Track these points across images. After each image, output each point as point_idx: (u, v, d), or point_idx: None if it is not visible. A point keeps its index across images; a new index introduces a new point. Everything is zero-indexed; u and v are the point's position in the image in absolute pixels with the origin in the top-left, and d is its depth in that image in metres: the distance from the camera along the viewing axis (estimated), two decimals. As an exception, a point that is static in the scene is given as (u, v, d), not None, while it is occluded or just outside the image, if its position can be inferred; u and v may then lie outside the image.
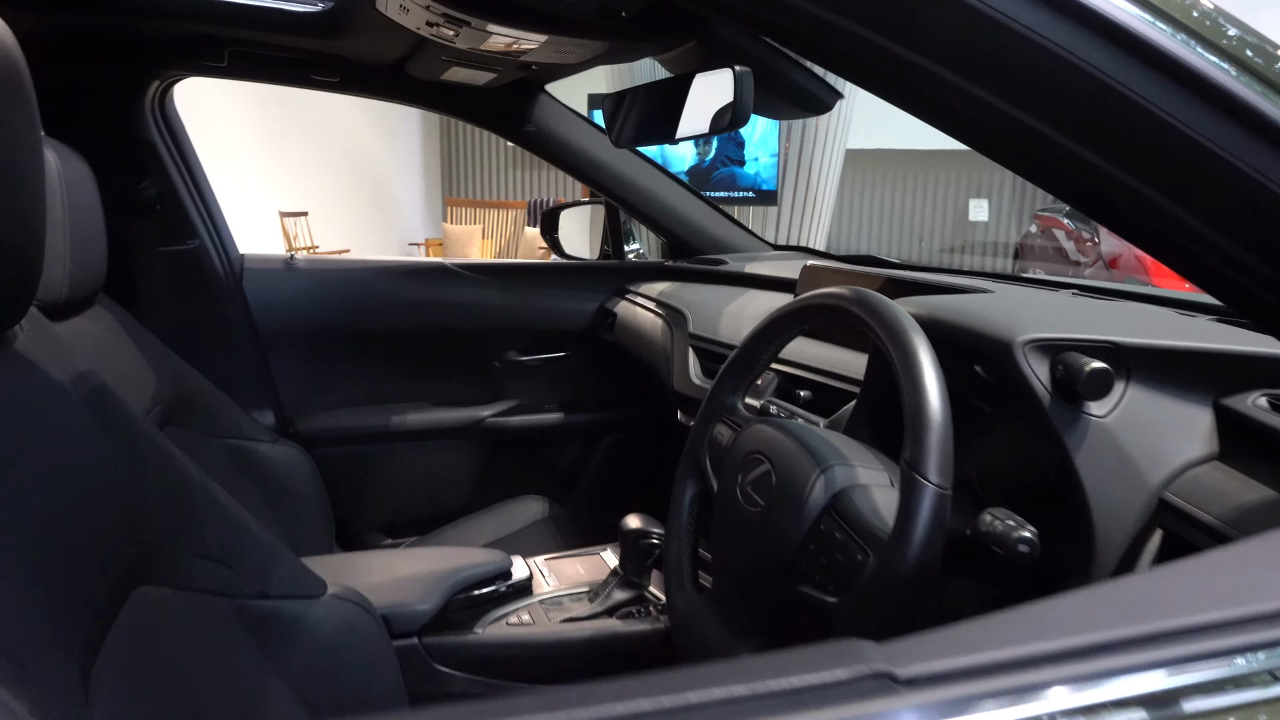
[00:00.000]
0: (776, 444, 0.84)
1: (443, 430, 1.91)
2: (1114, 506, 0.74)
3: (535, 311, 1.95)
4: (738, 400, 1.00)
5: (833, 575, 0.73)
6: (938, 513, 0.67)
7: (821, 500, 0.77)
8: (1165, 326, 0.88)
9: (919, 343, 0.73)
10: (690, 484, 1.02)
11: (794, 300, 0.90)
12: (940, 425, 0.68)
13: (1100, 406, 0.76)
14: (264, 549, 0.88)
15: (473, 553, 1.23)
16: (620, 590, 1.22)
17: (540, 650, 1.13)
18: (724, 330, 1.46)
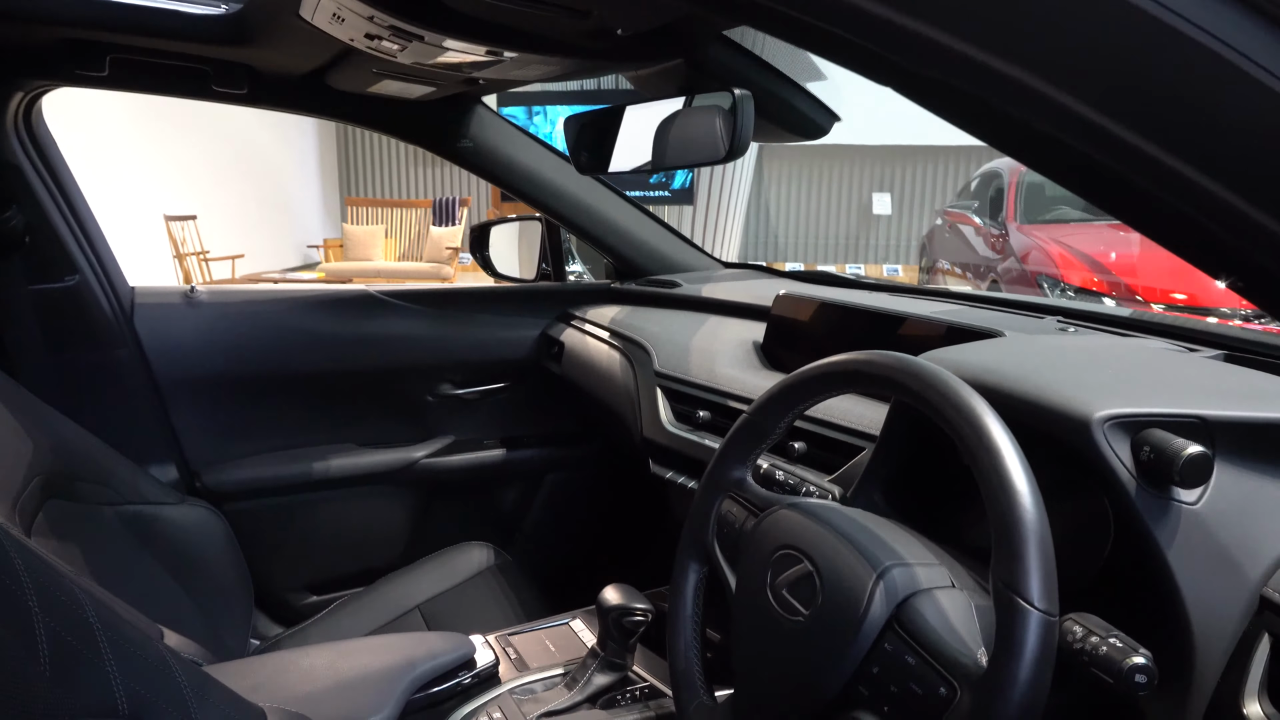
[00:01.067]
0: (816, 540, 0.73)
1: (372, 475, 1.75)
2: (1213, 608, 0.65)
3: (471, 340, 1.80)
4: (747, 474, 0.88)
5: (907, 709, 0.62)
6: (1045, 645, 0.56)
7: (883, 613, 0.66)
8: (1226, 384, 0.80)
9: (1001, 431, 0.62)
10: (694, 569, 0.89)
11: (826, 363, 0.78)
12: (1041, 536, 0.58)
13: (1191, 493, 0.67)
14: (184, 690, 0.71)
15: (428, 639, 1.08)
16: (601, 674, 1.09)
17: (518, 757, 0.99)
18: (695, 369, 1.34)
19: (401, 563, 1.68)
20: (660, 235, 1.86)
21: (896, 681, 0.63)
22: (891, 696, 0.64)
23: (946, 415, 0.65)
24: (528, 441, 1.88)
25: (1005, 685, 0.56)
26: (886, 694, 0.64)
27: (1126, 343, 1.04)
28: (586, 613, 1.30)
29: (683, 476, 1.28)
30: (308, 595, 1.75)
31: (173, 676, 0.71)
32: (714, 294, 1.64)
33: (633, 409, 1.41)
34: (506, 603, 1.51)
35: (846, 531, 0.73)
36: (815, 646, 0.69)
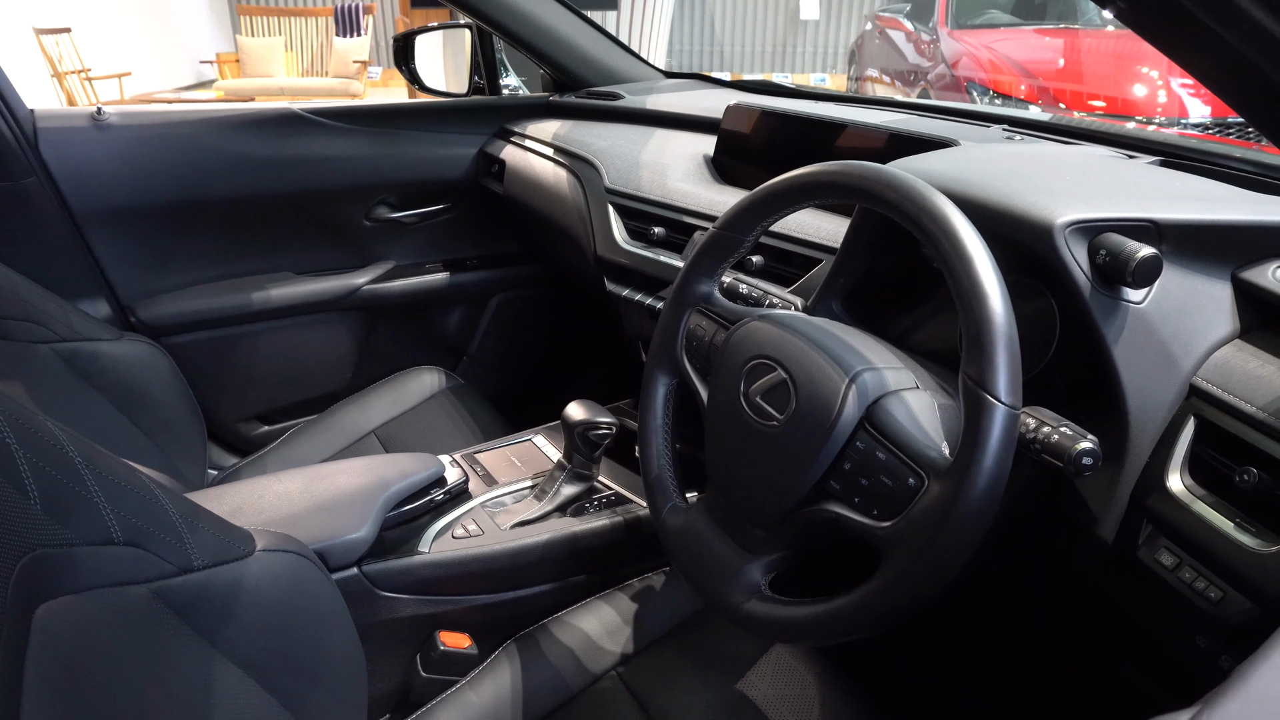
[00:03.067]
0: (789, 349, 0.76)
1: (313, 304, 1.71)
2: (1149, 397, 0.71)
3: (405, 160, 1.73)
4: (715, 288, 0.89)
5: (878, 499, 0.67)
6: (1009, 436, 0.61)
7: (855, 414, 0.70)
8: (1167, 190, 0.84)
9: (976, 239, 0.64)
10: (663, 381, 0.92)
11: (799, 174, 0.78)
12: (1008, 335, 0.61)
13: (1138, 293, 0.71)
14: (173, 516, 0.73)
15: (399, 460, 1.10)
16: (569, 484, 1.14)
17: (494, 562, 1.04)
18: (647, 184, 1.32)
19: (351, 390, 1.70)
20: (598, 43, 1.77)
21: (867, 475, 0.68)
22: (862, 489, 0.69)
23: (923, 224, 0.67)
24: (471, 264, 1.85)
25: (972, 473, 0.60)
26: (857, 487, 0.69)
27: (1074, 150, 1.06)
28: (548, 429, 1.34)
29: (640, 294, 1.30)
30: (259, 425, 1.75)
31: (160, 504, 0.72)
32: (659, 106, 1.59)
33: (584, 228, 1.39)
34: (463, 424, 1.54)
35: (818, 340, 0.75)
36: (790, 448, 0.73)
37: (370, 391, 1.63)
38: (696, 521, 0.84)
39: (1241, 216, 0.75)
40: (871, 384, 0.71)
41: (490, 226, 1.86)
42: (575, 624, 1.04)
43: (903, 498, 0.66)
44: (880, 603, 0.65)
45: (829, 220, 1.09)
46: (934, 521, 0.62)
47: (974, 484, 0.60)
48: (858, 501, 0.69)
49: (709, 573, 0.81)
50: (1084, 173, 0.87)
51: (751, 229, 0.84)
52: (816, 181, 0.76)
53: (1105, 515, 0.72)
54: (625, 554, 1.12)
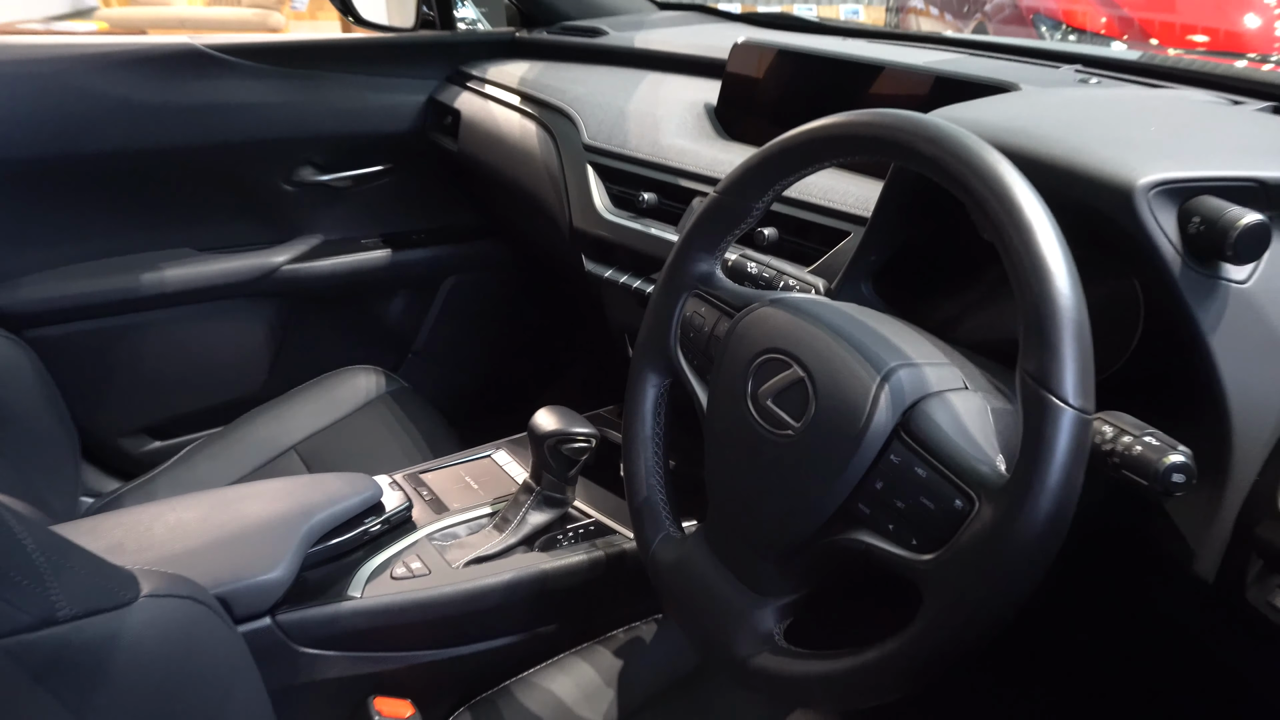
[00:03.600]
0: (807, 340, 0.76)
1: (219, 288, 1.72)
2: (1256, 398, 0.71)
3: (336, 110, 1.74)
4: (716, 266, 0.90)
5: (916, 526, 0.68)
6: (1078, 446, 0.61)
7: (889, 420, 0.70)
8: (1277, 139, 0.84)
9: (1036, 205, 0.65)
10: (654, 382, 0.93)
11: (819, 125, 0.78)
12: (1077, 322, 0.62)
13: (1241, 270, 0.72)
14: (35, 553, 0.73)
15: (324, 482, 1.11)
16: (537, 511, 1.14)
17: (444, 609, 1.05)
18: (635, 140, 1.33)
19: (266, 395, 1.70)
20: (575, -38, 1.79)
21: (904, 496, 0.69)
22: (898, 513, 0.69)
23: (969, 185, 0.67)
24: (418, 239, 1.86)
25: (1034, 492, 0.61)
26: (892, 511, 0.69)
27: (1163, 94, 1.07)
28: (511, 443, 1.35)
29: (625, 275, 1.30)
30: (147, 441, 1.75)
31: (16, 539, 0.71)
32: (650, 44, 1.60)
33: (557, 194, 1.40)
34: (407, 437, 1.54)
35: (842, 329, 0.76)
36: (807, 463, 0.73)
37: (290, 398, 1.63)
38: (694, 555, 0.85)
39: None
40: (909, 383, 0.71)
41: (441, 193, 1.87)
42: (544, 686, 1.05)
43: (948, 523, 0.66)
44: (921, 653, 0.66)
45: (858, 184, 1.10)
46: (986, 552, 0.63)
47: (1036, 505, 0.61)
48: (892, 529, 0.69)
49: (710, 619, 0.81)
50: (1174, 122, 0.88)
51: (762, 194, 0.84)
52: (840, 134, 0.77)
53: (1203, 548, 0.73)
54: (607, 598, 1.13)
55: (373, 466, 1.23)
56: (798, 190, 1.11)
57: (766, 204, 0.85)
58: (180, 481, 1.48)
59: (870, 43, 1.43)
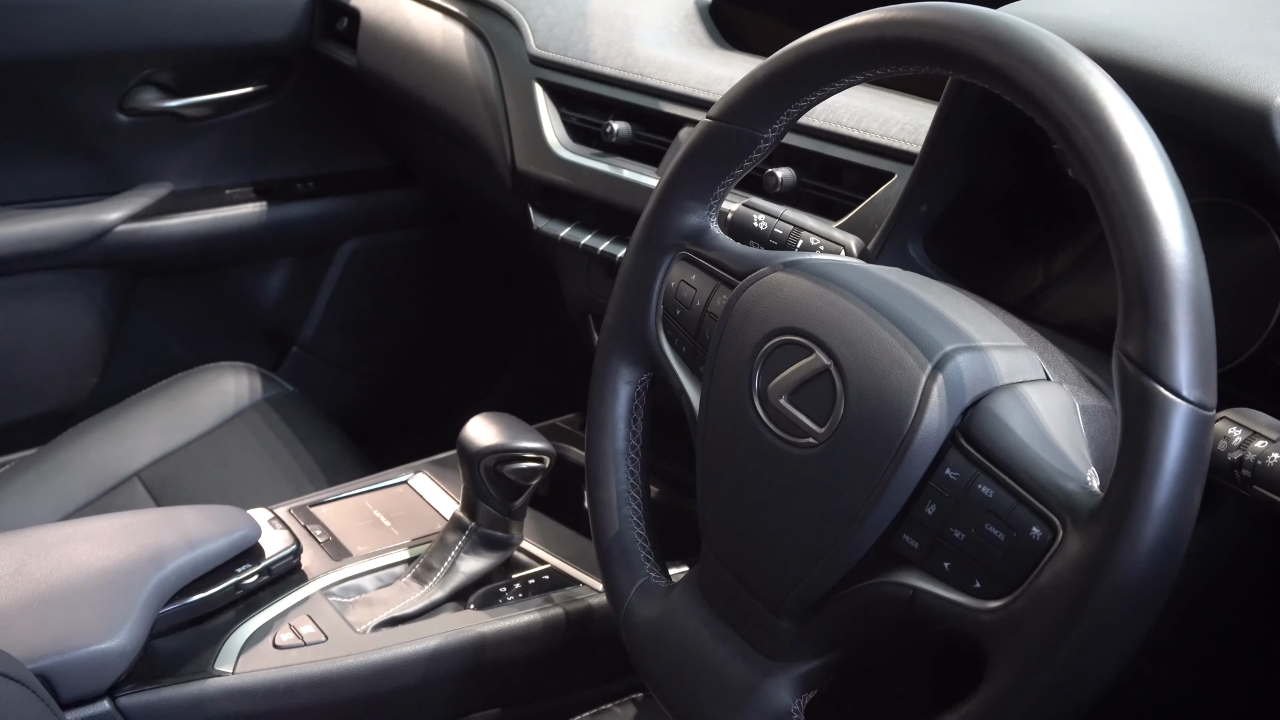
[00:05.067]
0: (834, 316, 0.78)
1: (28, 255, 1.73)
2: None
3: (191, 9, 1.74)
4: (711, 219, 0.92)
5: (981, 563, 0.70)
6: (1196, 454, 0.63)
7: (944, 423, 0.72)
8: None
9: (1145, 136, 0.66)
10: (627, 378, 0.95)
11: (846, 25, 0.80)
12: (1197, 294, 0.63)
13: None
14: None
15: (179, 518, 1.12)
16: (472, 556, 1.16)
17: (348, 688, 1.06)
18: (600, 49, 1.35)
19: (98, 405, 1.71)
20: None
21: (964, 524, 0.71)
22: (956, 547, 0.71)
23: (1050, 105, 0.69)
24: (304, 189, 1.89)
25: (1135, 515, 0.63)
26: (948, 544, 0.71)
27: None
28: (435, 464, 1.37)
29: (588, 234, 1.33)
30: (-61, 465, 1.76)
31: None
32: None
33: (494, 124, 1.43)
34: (292, 459, 1.56)
35: (881, 303, 0.78)
36: (835, 482, 0.75)
37: (130, 408, 1.65)
38: (683, 610, 0.87)
39: None
40: (970, 374, 0.73)
41: (335, 125, 1.90)
42: None
43: (1023, 559, 0.68)
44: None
45: (904, 107, 1.13)
46: (1075, 596, 0.64)
47: (1140, 532, 0.62)
48: (948, 568, 0.71)
49: (704, 693, 0.83)
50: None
51: (772, 121, 0.86)
52: (878, 36, 0.78)
53: None
54: (567, 671, 1.16)
55: (247, 499, 1.25)
56: (821, 116, 1.13)
57: (778, 134, 0.87)
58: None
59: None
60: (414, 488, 1.33)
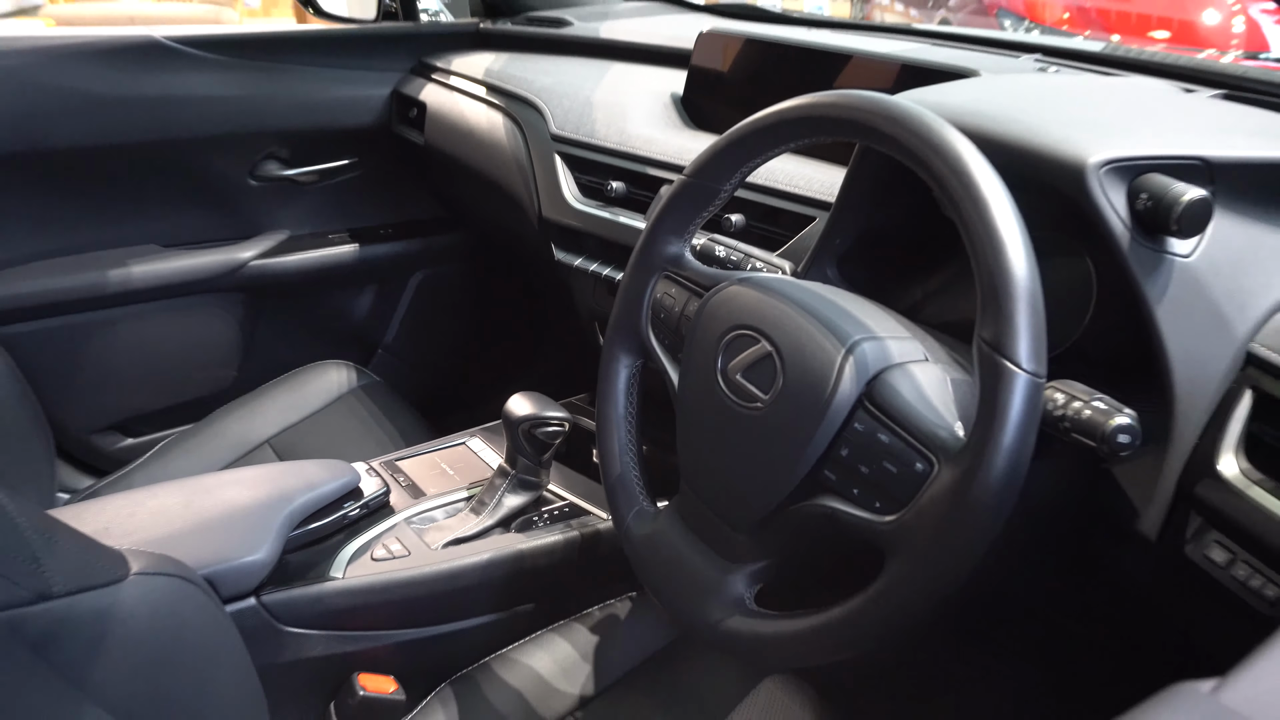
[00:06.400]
0: (775, 316, 0.80)
1: (186, 284, 1.73)
2: (1198, 366, 0.76)
3: (299, 103, 1.75)
4: (685, 249, 0.93)
5: (880, 489, 0.72)
6: (1031, 410, 0.65)
7: (853, 390, 0.74)
8: (1226, 122, 0.89)
9: (992, 180, 0.69)
10: (625, 362, 0.96)
11: (783, 107, 0.82)
12: (1030, 290, 0.66)
13: (1186, 244, 0.76)
14: (27, 532, 0.76)
15: (303, 469, 1.13)
16: (513, 494, 1.17)
17: (424, 588, 1.07)
18: (602, 130, 1.36)
19: (236, 393, 1.71)
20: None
21: (868, 462, 0.73)
22: (862, 478, 0.73)
23: (929, 162, 0.71)
24: (385, 233, 1.88)
25: (989, 451, 0.65)
26: (857, 475, 0.74)
27: (1118, 82, 1.12)
28: (486, 431, 1.38)
29: (595, 263, 1.34)
30: (120, 438, 1.76)
31: (9, 518, 0.74)
32: (616, 35, 1.63)
33: (526, 184, 1.43)
34: (380, 430, 1.57)
35: (809, 306, 0.80)
36: (776, 433, 0.77)
37: (261, 394, 1.65)
38: (667, 528, 0.88)
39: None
40: (872, 355, 0.76)
41: (407, 186, 1.89)
42: (523, 662, 1.08)
43: (909, 485, 0.70)
44: (886, 608, 0.70)
45: (823, 170, 1.14)
46: (946, 510, 0.67)
47: (991, 464, 0.65)
48: (857, 493, 0.73)
49: (683, 586, 0.85)
50: (1126, 105, 0.93)
51: (729, 177, 0.88)
52: (807, 115, 0.81)
53: (1148, 507, 0.77)
54: (582, 576, 1.17)
55: (348, 457, 1.25)
56: (763, 176, 1.15)
57: (734, 186, 0.89)
58: (155, 477, 1.48)
59: (835, 33, 1.46)
60: (470, 447, 1.34)
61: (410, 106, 1.74)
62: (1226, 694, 0.35)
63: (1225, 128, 0.87)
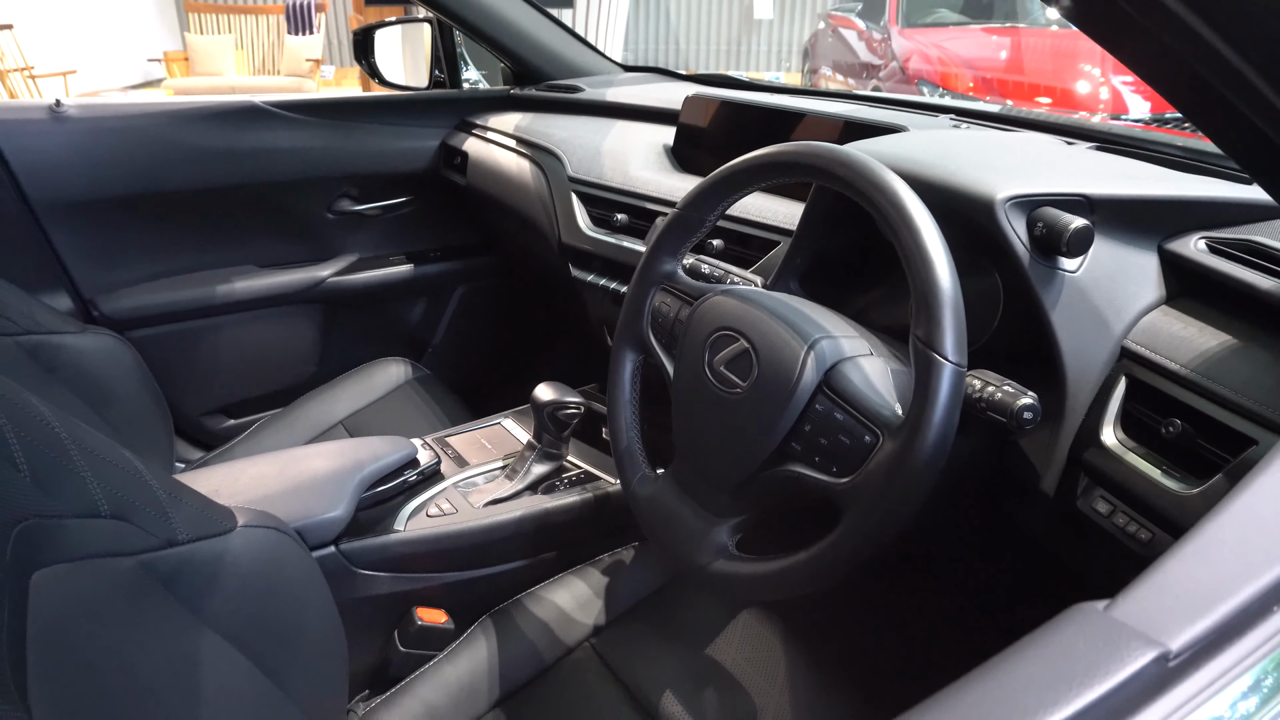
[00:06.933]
0: (751, 320, 0.79)
1: (277, 296, 1.72)
2: (1084, 358, 0.76)
3: (367, 153, 1.74)
4: (678, 267, 0.93)
5: (836, 457, 0.72)
6: (956, 392, 0.65)
7: (814, 378, 0.74)
8: (1101, 169, 0.89)
9: (922, 211, 0.69)
10: (630, 357, 0.96)
11: (757, 154, 0.82)
12: (954, 298, 0.66)
13: (1073, 262, 0.76)
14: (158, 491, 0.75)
15: (371, 443, 1.12)
16: (539, 464, 1.17)
17: (469, 539, 1.07)
18: (609, 173, 1.35)
19: (316, 382, 1.70)
20: (558, 37, 1.80)
21: (826, 435, 0.73)
22: (822, 448, 0.73)
23: (872, 198, 0.71)
24: (434, 256, 1.87)
25: (923, 426, 0.65)
26: (817, 446, 0.73)
27: (1016, 136, 1.12)
28: (517, 413, 1.37)
29: (604, 279, 1.33)
30: (224, 419, 1.75)
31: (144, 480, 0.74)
32: (619, 98, 1.62)
33: (548, 216, 1.42)
34: (431, 413, 1.56)
35: (778, 311, 0.79)
36: (753, 413, 0.77)
37: (336, 383, 1.63)
38: (665, 490, 0.88)
39: (1166, 192, 0.81)
40: (829, 350, 0.75)
41: (452, 218, 1.88)
42: (548, 598, 1.08)
43: (859, 454, 0.70)
44: (840, 552, 0.69)
45: (785, 205, 1.13)
46: (889, 473, 0.66)
47: (925, 437, 0.65)
48: (818, 460, 0.73)
49: (678, 537, 0.84)
50: (1024, 155, 0.92)
51: (713, 209, 0.88)
52: (773, 161, 0.80)
53: (1047, 470, 0.77)
54: (595, 530, 1.16)
55: (407, 434, 1.24)
56: (739, 209, 1.14)
57: (717, 216, 0.89)
58: (253, 450, 1.47)
59: (791, 97, 1.46)
60: (504, 426, 1.34)
61: (455, 155, 1.73)
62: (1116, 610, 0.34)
63: (1100, 172, 0.87)
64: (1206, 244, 0.80)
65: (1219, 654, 0.32)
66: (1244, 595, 0.34)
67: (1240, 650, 0.33)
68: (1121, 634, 0.33)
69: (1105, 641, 0.32)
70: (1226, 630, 0.33)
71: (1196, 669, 0.32)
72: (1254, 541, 0.38)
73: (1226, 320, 0.74)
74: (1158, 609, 0.34)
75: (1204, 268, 0.77)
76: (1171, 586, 0.35)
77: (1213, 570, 0.36)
